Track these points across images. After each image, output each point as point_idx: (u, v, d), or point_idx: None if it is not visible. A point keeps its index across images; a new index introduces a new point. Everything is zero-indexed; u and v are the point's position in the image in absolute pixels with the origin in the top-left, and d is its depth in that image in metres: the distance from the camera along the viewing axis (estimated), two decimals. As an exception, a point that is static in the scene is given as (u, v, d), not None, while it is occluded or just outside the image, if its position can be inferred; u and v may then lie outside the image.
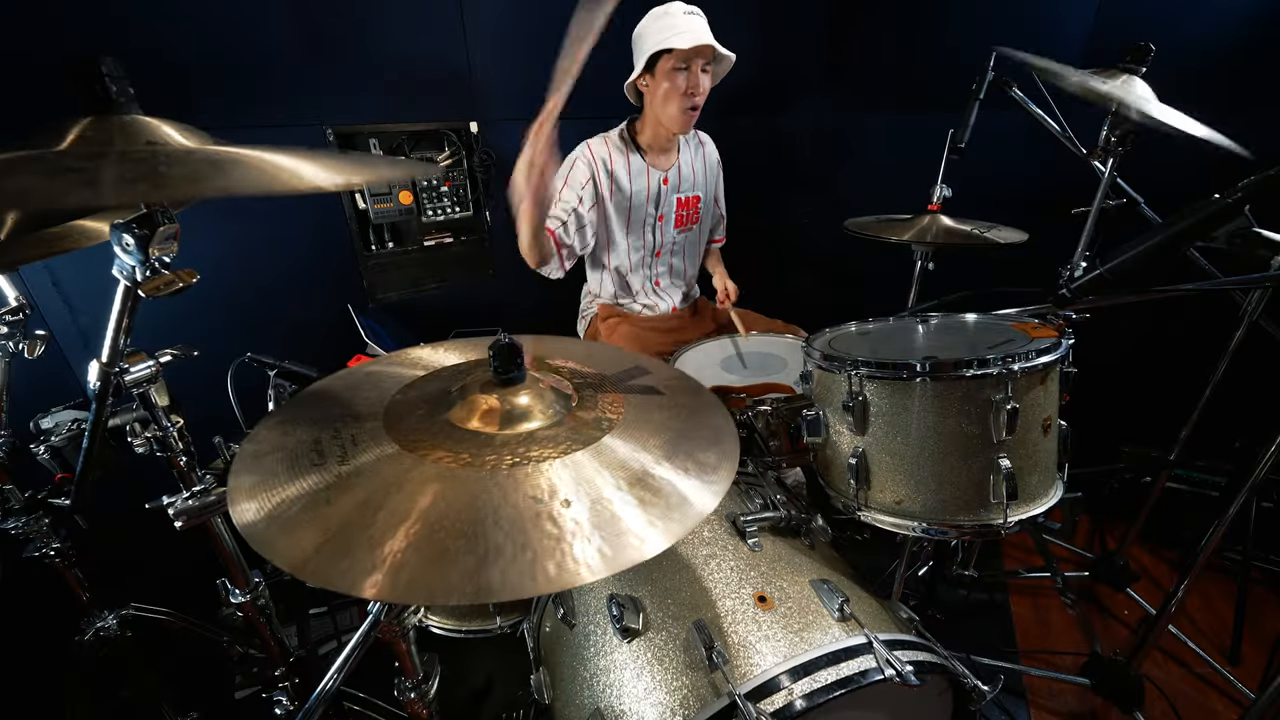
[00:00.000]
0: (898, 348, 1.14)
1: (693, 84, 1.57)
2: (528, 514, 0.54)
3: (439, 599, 0.51)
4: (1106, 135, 1.28)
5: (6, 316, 1.02)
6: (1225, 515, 1.11)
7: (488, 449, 0.63)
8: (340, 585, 0.47)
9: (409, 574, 0.48)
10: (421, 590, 0.48)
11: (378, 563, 0.49)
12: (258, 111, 1.65)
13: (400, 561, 0.49)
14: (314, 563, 0.49)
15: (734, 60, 1.63)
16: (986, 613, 1.71)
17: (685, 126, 1.65)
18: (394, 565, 0.49)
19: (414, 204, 1.98)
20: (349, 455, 0.61)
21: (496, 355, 0.70)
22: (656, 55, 1.56)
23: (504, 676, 1.50)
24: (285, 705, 1.06)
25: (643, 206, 1.76)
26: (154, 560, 1.44)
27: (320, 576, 0.48)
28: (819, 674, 0.73)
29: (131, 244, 0.65)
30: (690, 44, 1.50)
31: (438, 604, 1.18)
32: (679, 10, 1.55)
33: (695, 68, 1.56)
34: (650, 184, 1.75)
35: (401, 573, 0.48)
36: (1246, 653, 1.54)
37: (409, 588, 0.48)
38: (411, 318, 2.05)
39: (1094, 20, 1.76)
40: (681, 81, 1.57)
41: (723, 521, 1.02)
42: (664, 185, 1.77)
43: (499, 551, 0.50)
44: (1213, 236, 0.83)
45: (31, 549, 1.02)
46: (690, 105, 1.60)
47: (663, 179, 1.76)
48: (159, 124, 0.68)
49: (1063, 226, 1.44)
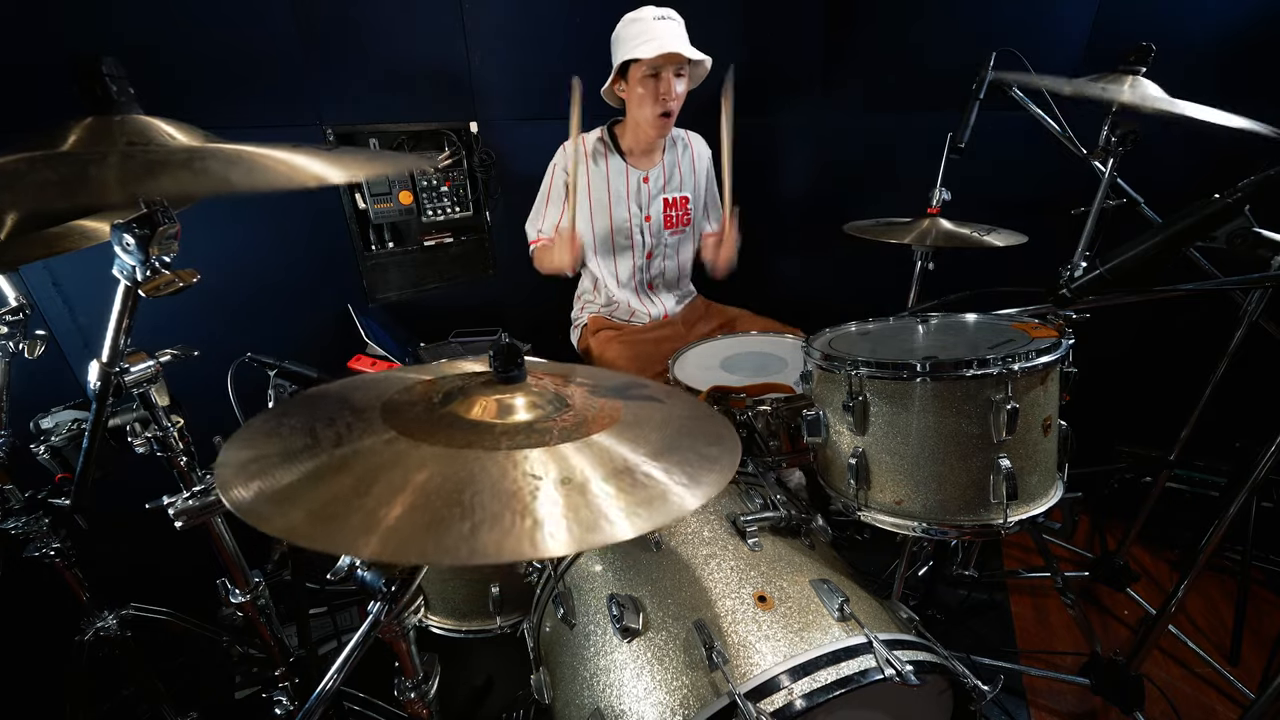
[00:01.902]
0: (898, 348, 1.14)
1: (664, 90, 1.58)
2: (525, 488, 0.54)
3: (432, 559, 0.50)
4: (1106, 135, 1.28)
5: (6, 316, 1.02)
6: (1225, 515, 1.11)
7: (486, 436, 0.63)
8: (334, 546, 0.47)
9: (403, 536, 0.48)
10: (414, 550, 0.48)
11: (372, 526, 0.48)
12: (257, 112, 1.65)
13: (394, 525, 0.49)
14: (307, 527, 0.49)
15: (709, 64, 1.64)
16: (986, 613, 1.71)
17: (661, 130, 1.67)
18: (388, 528, 0.48)
19: (414, 204, 1.98)
20: (344, 440, 0.61)
21: (497, 355, 0.70)
22: (628, 63, 1.57)
23: (504, 676, 1.50)
24: (285, 705, 1.06)
25: (623, 204, 1.77)
26: (154, 560, 1.44)
27: (313, 539, 0.48)
28: (819, 674, 0.73)
29: (132, 244, 0.65)
30: (655, 53, 1.50)
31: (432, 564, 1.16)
32: (649, 15, 1.55)
33: (666, 74, 1.57)
34: (630, 183, 1.76)
35: (395, 535, 0.48)
36: (1246, 653, 1.54)
37: (402, 548, 0.48)
38: (411, 318, 2.05)
39: (1094, 20, 1.75)
40: (653, 87, 1.58)
41: (723, 521, 1.02)
42: (644, 184, 1.78)
43: (496, 519, 0.50)
44: (1213, 236, 0.83)
45: (31, 549, 1.02)
46: (663, 111, 1.61)
47: (642, 178, 1.77)
48: (159, 123, 0.68)
49: (1063, 226, 1.44)
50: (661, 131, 1.67)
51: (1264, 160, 0.86)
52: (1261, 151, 1.14)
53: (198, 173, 0.55)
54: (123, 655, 1.17)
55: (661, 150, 1.80)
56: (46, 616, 1.18)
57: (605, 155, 1.75)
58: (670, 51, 1.51)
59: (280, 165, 0.57)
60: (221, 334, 1.63)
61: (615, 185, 1.75)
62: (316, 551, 0.48)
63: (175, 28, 1.47)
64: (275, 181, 0.55)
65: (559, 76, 1.53)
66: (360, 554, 0.47)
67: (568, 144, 1.70)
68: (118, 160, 0.56)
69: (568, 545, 0.50)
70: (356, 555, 0.47)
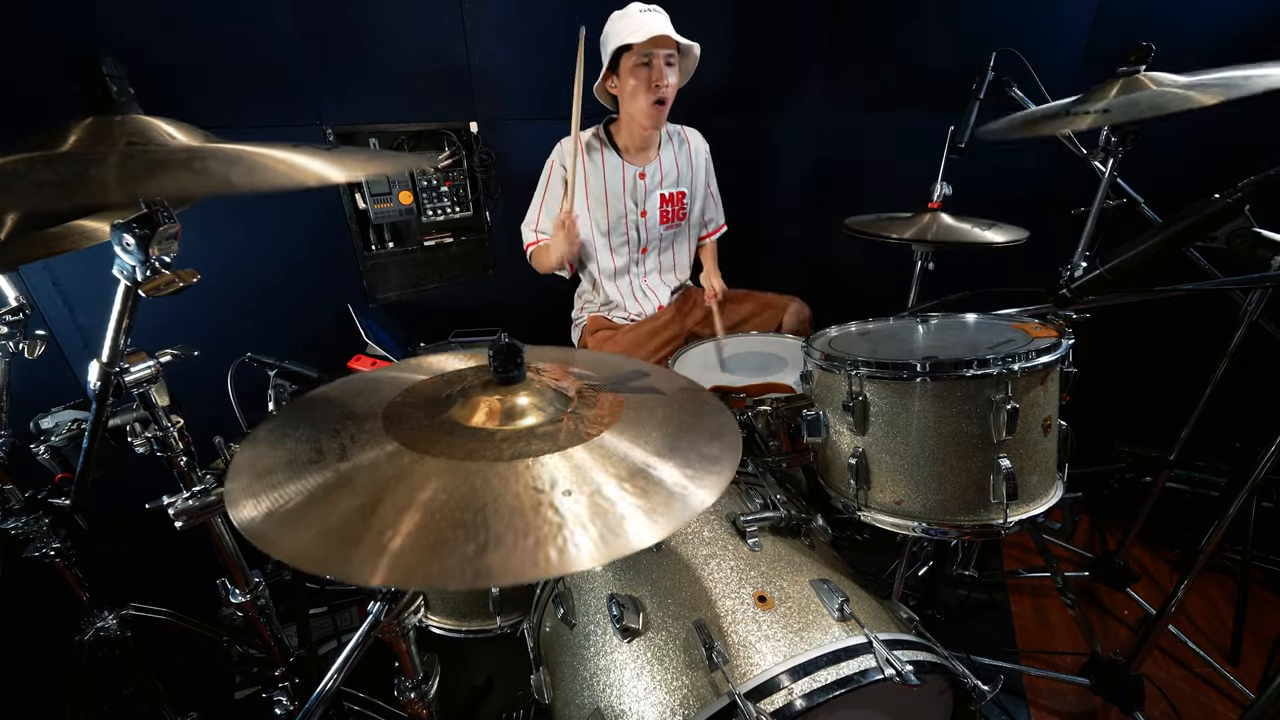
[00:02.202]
0: (898, 348, 1.14)
1: (657, 76, 1.59)
2: (528, 503, 0.54)
3: (438, 584, 0.50)
4: (1107, 135, 1.27)
5: (6, 316, 1.02)
6: (1225, 515, 1.11)
7: (488, 444, 0.63)
8: (340, 574, 0.47)
9: (409, 560, 0.48)
10: (419, 575, 0.48)
11: (378, 550, 0.49)
12: (257, 112, 1.65)
13: (400, 548, 0.49)
14: (313, 553, 0.49)
15: (699, 51, 1.65)
16: (986, 613, 1.71)
17: (655, 121, 1.66)
18: (394, 553, 0.48)
19: (414, 204, 1.98)
20: (348, 453, 0.61)
21: (497, 355, 0.70)
22: (618, 55, 1.59)
23: (504, 676, 1.50)
24: (285, 705, 1.06)
25: (620, 200, 1.77)
26: (154, 560, 1.44)
27: (319, 566, 0.48)
28: (819, 674, 0.73)
29: (132, 244, 0.65)
30: (644, 36, 1.52)
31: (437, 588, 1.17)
32: (636, 10, 1.59)
33: (657, 61, 1.58)
34: (625, 179, 1.76)
35: (402, 559, 0.48)
36: (1246, 653, 1.54)
37: (409, 573, 0.48)
38: (412, 318, 2.05)
39: (1094, 20, 1.75)
40: (645, 75, 1.59)
41: (723, 521, 1.02)
42: (640, 180, 1.78)
43: (499, 540, 0.50)
44: (1213, 236, 0.83)
45: (31, 549, 1.01)
46: (657, 99, 1.61)
47: (639, 174, 1.78)
48: (159, 123, 0.68)
49: (1063, 226, 1.44)
50: (656, 122, 1.67)
51: (1264, 160, 0.86)
52: (1262, 151, 1.14)
53: (198, 173, 0.55)
54: (123, 655, 1.17)
55: (657, 146, 1.81)
56: (46, 616, 1.18)
57: (602, 151, 1.75)
58: (659, 34, 1.53)
59: (280, 165, 0.57)
60: (221, 334, 1.63)
61: (612, 181, 1.75)
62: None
63: (175, 27, 1.47)
64: (275, 181, 0.55)
65: (559, 76, 1.54)
66: (368, 582, 0.48)
67: (564, 140, 1.71)
68: (118, 160, 0.56)
69: (578, 563, 0.50)
70: (364, 584, 0.47)
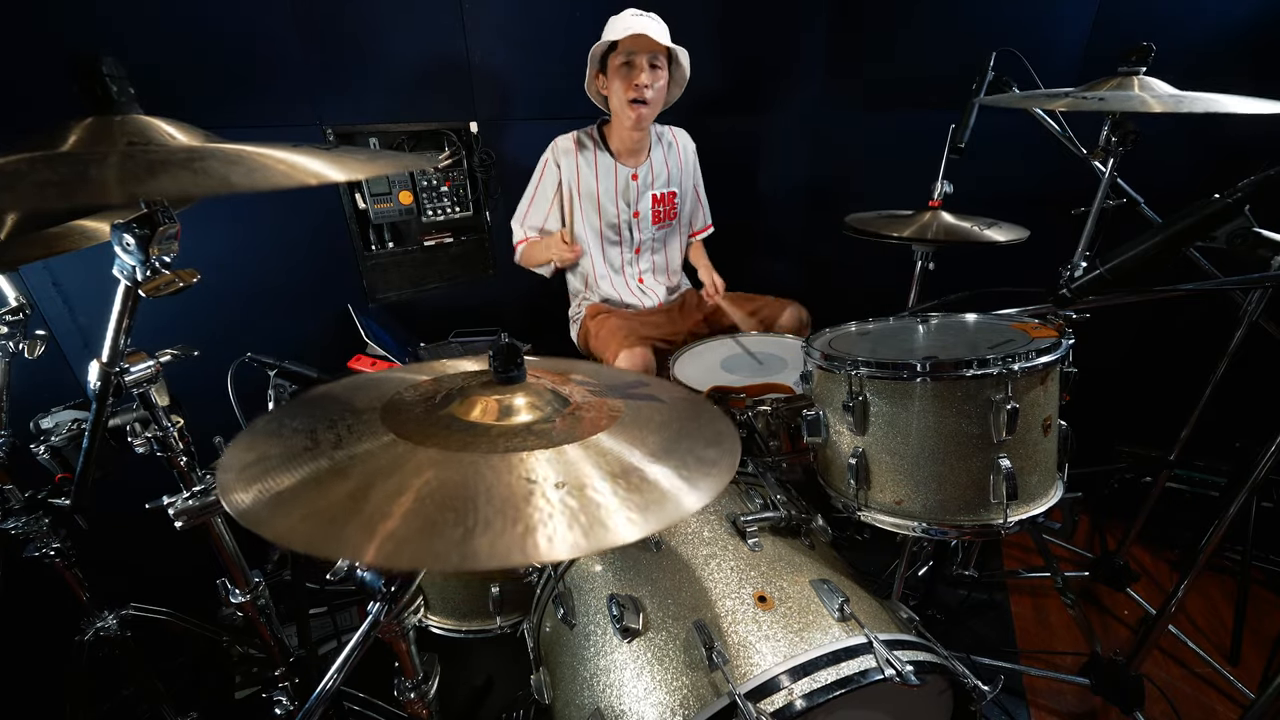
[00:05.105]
0: (898, 348, 1.14)
1: (636, 76, 1.60)
2: (520, 492, 0.54)
3: (427, 564, 0.50)
4: (1106, 135, 1.27)
5: (6, 316, 1.02)
6: (1225, 515, 1.11)
7: (484, 438, 0.63)
8: (331, 551, 0.47)
9: (398, 539, 0.48)
10: (408, 555, 0.48)
11: (369, 530, 0.49)
12: (257, 112, 1.65)
13: (391, 530, 0.49)
14: (303, 532, 0.49)
15: (687, 59, 1.66)
16: (986, 613, 1.71)
17: (636, 122, 1.67)
18: (385, 533, 0.49)
19: (414, 204, 1.98)
20: (344, 442, 0.61)
21: (497, 355, 0.70)
22: (605, 55, 1.62)
23: (504, 676, 1.50)
24: (285, 705, 1.06)
25: (613, 201, 1.79)
26: (154, 560, 1.44)
27: (309, 544, 0.48)
28: (819, 674, 0.73)
29: (132, 244, 0.65)
30: (624, 34, 1.54)
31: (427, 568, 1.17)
32: (628, 13, 1.61)
33: (639, 61, 1.59)
34: (619, 180, 1.78)
35: (391, 538, 0.48)
36: (1246, 653, 1.54)
37: (398, 553, 0.48)
38: (411, 318, 2.05)
39: (1094, 20, 1.75)
40: (626, 75, 1.61)
41: (723, 521, 1.02)
42: (633, 181, 1.80)
43: (488, 524, 0.50)
44: (1213, 236, 0.83)
45: (31, 549, 1.01)
46: (635, 98, 1.62)
47: (631, 175, 1.80)
48: (159, 123, 0.68)
49: (1063, 226, 1.44)
50: (636, 124, 1.67)
51: (1264, 160, 0.86)
52: (1262, 151, 1.14)
53: (198, 173, 0.55)
54: (123, 655, 1.17)
55: (648, 148, 1.84)
56: (46, 616, 1.18)
57: (595, 152, 1.77)
58: (639, 33, 1.54)
59: (280, 165, 0.57)
60: (221, 334, 1.63)
61: (605, 183, 1.77)
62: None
63: (175, 27, 1.47)
64: (275, 181, 0.55)
65: (559, 76, 1.54)
66: (358, 559, 0.48)
67: (558, 139, 1.75)
68: (118, 160, 0.56)
69: (563, 551, 0.49)
70: (354, 560, 0.47)
